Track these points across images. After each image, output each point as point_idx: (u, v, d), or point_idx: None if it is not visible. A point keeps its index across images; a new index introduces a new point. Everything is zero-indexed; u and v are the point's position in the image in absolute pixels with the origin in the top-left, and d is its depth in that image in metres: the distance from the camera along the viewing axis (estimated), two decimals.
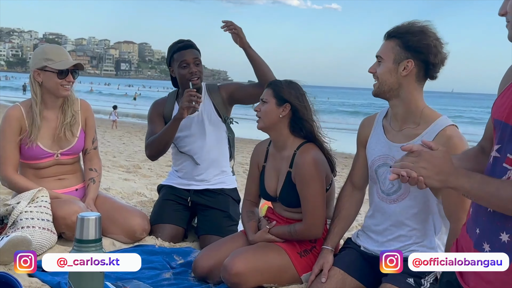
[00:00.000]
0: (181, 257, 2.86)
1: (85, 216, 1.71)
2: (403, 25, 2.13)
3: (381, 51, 2.15)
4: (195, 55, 3.11)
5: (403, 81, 2.10)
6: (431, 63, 2.07)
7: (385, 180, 2.23)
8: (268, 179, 2.59)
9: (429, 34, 2.07)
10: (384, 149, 2.22)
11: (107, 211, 2.97)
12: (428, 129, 2.10)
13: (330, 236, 2.38)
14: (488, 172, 1.47)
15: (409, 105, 2.14)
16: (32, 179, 2.98)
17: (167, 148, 3.17)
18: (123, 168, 6.33)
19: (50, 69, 2.91)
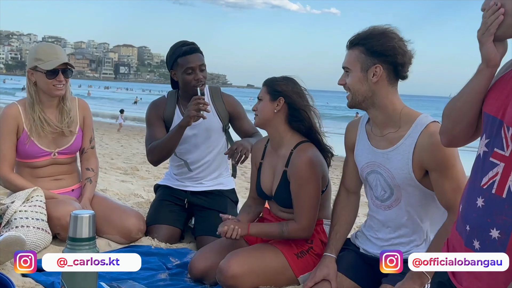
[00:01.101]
0: (177, 258, 2.84)
1: (79, 214, 1.69)
2: (364, 31, 2.10)
3: (347, 62, 2.12)
4: (201, 60, 3.03)
5: (375, 87, 2.07)
6: (399, 63, 2.05)
7: (376, 187, 2.21)
8: (264, 177, 2.57)
9: (391, 36, 2.05)
10: (370, 156, 2.19)
11: (103, 211, 2.96)
12: (410, 130, 2.07)
13: (332, 242, 2.33)
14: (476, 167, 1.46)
15: (386, 111, 2.11)
16: (28, 179, 2.96)
17: (170, 154, 3.12)
18: (121, 170, 6.31)
19: (39, 70, 2.89)
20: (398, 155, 2.08)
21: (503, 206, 1.36)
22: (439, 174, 2.02)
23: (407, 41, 2.08)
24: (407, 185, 2.10)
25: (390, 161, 2.11)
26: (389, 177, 2.13)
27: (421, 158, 2.03)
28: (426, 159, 2.02)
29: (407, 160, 2.06)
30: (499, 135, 1.37)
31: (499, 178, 1.37)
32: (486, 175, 1.41)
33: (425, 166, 2.04)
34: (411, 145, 2.05)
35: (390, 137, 2.12)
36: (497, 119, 1.37)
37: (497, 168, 1.38)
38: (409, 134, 2.06)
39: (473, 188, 1.46)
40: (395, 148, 2.09)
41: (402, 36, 2.08)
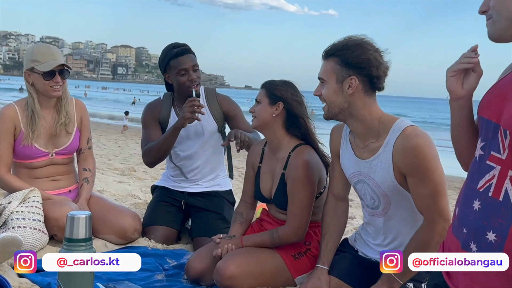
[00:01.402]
0: (174, 259, 2.84)
1: (75, 215, 1.69)
2: (340, 42, 2.07)
3: (322, 72, 2.09)
4: (193, 61, 3.03)
5: (351, 99, 2.04)
6: (374, 76, 2.01)
7: (365, 196, 2.20)
8: (263, 181, 2.57)
9: (367, 47, 2.01)
10: (355, 166, 2.17)
11: (99, 211, 2.95)
12: (388, 137, 2.04)
13: (324, 254, 2.31)
14: (473, 169, 1.47)
15: (364, 121, 2.08)
16: (25, 180, 2.96)
17: (166, 155, 3.11)
18: (118, 171, 6.30)
19: (36, 71, 2.88)
20: (380, 163, 2.06)
21: (500, 209, 1.36)
22: (415, 178, 2.00)
23: (383, 52, 2.04)
24: (393, 193, 2.09)
25: (373, 170, 2.09)
26: (375, 186, 2.12)
27: (398, 163, 2.01)
28: (402, 163, 2.00)
29: (388, 167, 2.04)
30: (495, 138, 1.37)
31: (496, 181, 1.37)
32: (482, 178, 1.41)
33: (402, 171, 2.02)
34: (390, 152, 2.03)
35: (372, 147, 2.09)
36: (492, 123, 1.37)
37: (493, 171, 1.38)
38: (387, 141, 2.04)
39: (470, 191, 1.46)
40: (376, 157, 2.07)
41: (378, 47, 2.05)
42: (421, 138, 1.99)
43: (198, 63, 3.05)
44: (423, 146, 1.97)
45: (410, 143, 1.98)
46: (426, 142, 1.99)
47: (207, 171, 3.23)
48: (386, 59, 2.05)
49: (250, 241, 2.49)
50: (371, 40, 2.06)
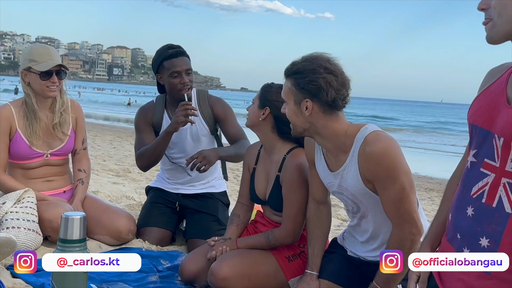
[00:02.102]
0: (168, 260, 2.83)
1: (70, 216, 1.70)
2: (296, 62, 2.03)
3: (283, 92, 2.09)
4: (187, 64, 3.01)
5: (311, 119, 2.02)
6: (327, 100, 1.97)
7: (346, 203, 2.20)
8: (258, 182, 2.58)
9: (319, 71, 1.96)
10: (330, 177, 2.17)
11: (94, 212, 2.96)
12: (352, 148, 2.03)
13: (312, 259, 2.30)
14: (466, 177, 1.47)
15: (330, 138, 2.06)
16: (20, 180, 2.95)
17: (158, 159, 3.11)
18: (113, 172, 6.29)
19: (33, 71, 2.88)
20: (349, 173, 2.06)
21: (493, 215, 1.37)
22: (378, 185, 2.00)
23: (339, 73, 1.98)
24: (368, 199, 2.09)
25: (344, 180, 2.09)
26: (350, 194, 2.12)
27: (363, 170, 2.01)
28: (366, 170, 2.00)
29: (357, 177, 2.03)
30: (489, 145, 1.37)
31: (489, 188, 1.38)
32: (475, 185, 1.42)
33: (368, 177, 2.01)
34: (356, 161, 2.02)
35: (341, 158, 2.08)
36: (485, 130, 1.38)
37: (487, 178, 1.39)
38: (353, 150, 2.03)
39: (463, 198, 1.47)
40: (344, 168, 2.07)
41: (335, 66, 1.99)
42: (382, 143, 1.97)
43: (191, 67, 3.03)
44: (385, 152, 1.95)
45: (371, 149, 1.96)
46: (387, 147, 1.96)
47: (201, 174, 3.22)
48: (345, 78, 1.99)
49: (245, 243, 2.49)
50: (329, 59, 2.00)
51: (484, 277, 1.38)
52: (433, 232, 1.67)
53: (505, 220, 1.34)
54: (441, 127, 35.08)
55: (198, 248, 2.66)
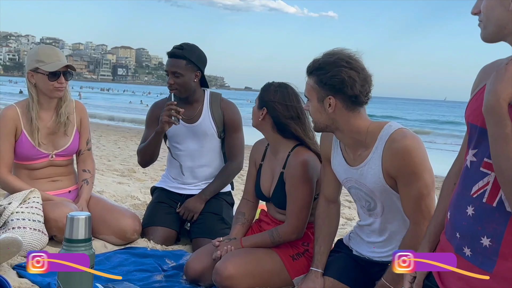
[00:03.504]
0: (173, 259, 2.84)
1: (75, 216, 1.71)
2: (318, 60, 2.04)
3: (305, 90, 2.10)
4: (174, 67, 3.04)
5: (334, 116, 2.04)
6: (351, 95, 1.99)
7: (360, 200, 2.22)
8: (263, 179, 2.59)
9: (341, 65, 1.97)
10: (348, 173, 2.18)
11: (99, 212, 2.97)
12: (376, 143, 2.05)
13: (317, 257, 2.31)
14: (465, 176, 1.47)
15: (352, 134, 2.08)
16: (25, 180, 2.97)
17: (154, 158, 3.18)
18: (118, 172, 6.31)
19: (41, 71, 2.90)
20: (369, 169, 2.07)
21: (494, 215, 1.37)
22: (403, 180, 2.01)
23: (361, 69, 2.00)
24: (386, 196, 2.11)
25: (364, 176, 2.10)
26: (368, 191, 2.13)
27: (387, 166, 2.02)
28: (390, 166, 2.02)
29: (378, 173, 2.05)
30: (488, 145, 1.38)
31: (490, 187, 1.39)
32: (476, 184, 1.43)
33: (391, 173, 2.03)
34: (379, 158, 2.03)
35: (362, 155, 2.10)
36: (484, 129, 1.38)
37: (487, 178, 1.39)
38: (376, 147, 2.05)
39: (462, 197, 1.47)
40: (366, 163, 2.08)
41: (357, 62, 2.00)
42: (409, 140, 1.99)
43: (182, 71, 3.03)
44: (411, 148, 1.98)
45: (398, 145, 1.98)
46: (413, 144, 1.99)
47: (207, 172, 3.25)
48: (367, 73, 2.01)
49: (250, 242, 2.50)
50: (350, 54, 2.02)
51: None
52: (431, 232, 1.68)
53: (506, 220, 1.35)
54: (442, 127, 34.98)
55: (202, 247, 2.67)
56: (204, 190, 3.17)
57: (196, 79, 3.10)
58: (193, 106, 3.17)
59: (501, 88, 1.27)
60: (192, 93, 3.13)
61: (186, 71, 3.05)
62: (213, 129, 3.17)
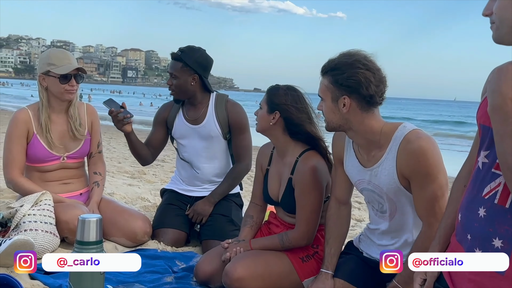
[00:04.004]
0: (183, 261, 2.86)
1: (86, 218, 1.73)
2: (333, 60, 2.05)
3: (319, 90, 2.10)
4: (172, 69, 3.12)
5: (348, 116, 2.03)
6: (366, 96, 1.99)
7: (373, 202, 2.21)
8: (271, 183, 2.59)
9: (357, 66, 1.98)
10: (361, 174, 2.18)
11: (110, 214, 3.00)
12: (390, 144, 2.05)
13: (328, 259, 2.31)
14: (476, 177, 1.47)
15: (365, 135, 2.08)
16: (37, 183, 3.00)
17: (140, 158, 3.30)
18: (128, 174, 6.33)
19: (53, 74, 2.93)
20: (383, 170, 2.07)
21: (506, 216, 1.37)
22: (417, 181, 2.00)
23: (376, 70, 2.00)
24: (399, 197, 2.10)
25: (378, 177, 2.10)
26: (381, 192, 2.13)
27: (402, 167, 2.02)
28: (405, 167, 2.01)
29: (393, 174, 2.05)
30: None
31: (502, 188, 1.38)
32: (487, 186, 1.42)
33: (405, 174, 2.03)
34: (393, 159, 2.03)
35: (376, 155, 2.10)
36: None
37: (499, 179, 1.39)
38: (390, 148, 2.04)
39: (473, 198, 1.47)
40: (380, 164, 2.08)
41: (372, 63, 2.01)
42: (423, 141, 1.99)
43: (178, 73, 3.09)
44: (426, 150, 1.97)
45: (413, 146, 1.98)
46: (428, 145, 1.99)
47: (215, 174, 3.26)
48: (382, 75, 2.02)
49: (259, 245, 2.51)
50: (365, 56, 2.03)
51: (497, 278, 1.37)
52: (441, 235, 1.67)
53: None
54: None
55: (212, 249, 2.68)
56: (212, 192, 3.18)
57: (193, 83, 3.12)
58: (198, 108, 3.20)
59: (506, 88, 1.27)
60: (192, 96, 3.16)
61: (182, 73, 3.09)
62: (218, 131, 3.18)
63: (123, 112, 2.99)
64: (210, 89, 3.22)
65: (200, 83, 3.14)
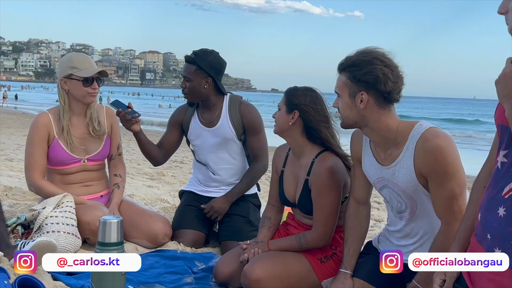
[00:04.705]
0: (203, 262, 2.88)
1: (107, 220, 1.75)
2: (351, 56, 2.06)
3: (336, 86, 2.10)
4: (185, 72, 3.14)
5: (364, 112, 2.04)
6: (384, 92, 2.00)
7: (392, 201, 2.21)
8: (286, 185, 2.59)
9: (375, 63, 1.99)
10: (379, 172, 2.18)
11: (130, 216, 3.03)
12: (407, 143, 2.04)
13: (346, 259, 2.31)
14: (496, 177, 1.46)
15: (381, 132, 2.08)
16: (58, 185, 3.04)
17: (152, 159, 3.32)
18: (147, 175, 6.39)
19: (75, 77, 2.97)
20: (401, 169, 2.07)
21: None
22: (435, 180, 2.00)
23: (394, 67, 2.02)
24: (419, 195, 2.10)
25: (395, 176, 2.10)
26: (400, 190, 2.12)
27: (419, 165, 2.01)
28: (422, 165, 2.01)
29: (411, 172, 2.04)
30: None
31: None
32: (507, 185, 1.41)
33: (423, 173, 2.02)
34: (411, 157, 2.03)
35: (393, 154, 2.10)
36: None
37: None
38: (407, 146, 2.04)
39: (493, 198, 1.46)
40: (397, 163, 2.08)
41: (390, 61, 2.02)
42: (441, 139, 1.98)
43: (191, 76, 3.10)
44: (443, 148, 1.97)
45: (430, 144, 1.98)
46: (446, 143, 1.98)
47: (232, 175, 3.28)
48: (399, 72, 2.03)
49: (277, 246, 2.51)
50: (383, 53, 2.04)
51: None
52: (461, 237, 1.66)
53: None
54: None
55: (231, 250, 2.70)
56: (230, 191, 3.20)
57: (207, 86, 3.13)
58: (212, 111, 3.22)
59: None
60: (206, 99, 3.18)
61: (195, 76, 3.10)
62: (232, 133, 3.20)
63: (130, 112, 3.01)
64: (224, 92, 3.23)
65: (214, 85, 3.16)
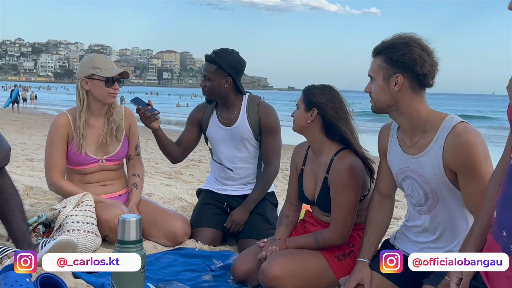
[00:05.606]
0: (221, 260, 2.90)
1: (126, 218, 1.78)
2: (388, 40, 2.09)
3: (370, 70, 2.13)
4: (206, 71, 3.15)
5: (397, 96, 2.07)
6: (419, 74, 2.02)
7: (413, 193, 2.20)
8: (306, 183, 2.60)
9: (413, 45, 2.03)
10: (403, 162, 2.19)
11: (149, 215, 3.07)
12: (437, 134, 2.05)
13: (365, 248, 2.32)
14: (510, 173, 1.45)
15: (411, 117, 2.10)
16: (78, 185, 3.08)
17: (170, 156, 3.34)
18: (165, 174, 6.43)
19: (97, 77, 3.00)
20: (429, 160, 2.07)
21: None
22: (465, 175, 2.00)
23: (430, 52, 2.05)
24: (442, 189, 2.09)
25: (422, 166, 2.10)
26: (424, 182, 2.12)
27: (448, 160, 2.02)
28: (452, 160, 2.01)
29: (438, 164, 2.05)
30: None
31: None
32: None
33: (452, 167, 2.02)
34: (440, 149, 2.04)
35: (420, 143, 2.11)
36: None
37: None
38: (437, 137, 2.05)
39: (509, 195, 1.45)
40: (425, 153, 2.08)
41: (426, 45, 2.05)
42: (472, 135, 1.99)
43: (211, 75, 3.12)
44: (474, 143, 1.97)
45: (461, 139, 1.98)
46: (477, 139, 1.99)
47: (248, 173, 3.29)
48: (435, 57, 2.06)
49: (294, 243, 2.52)
50: (419, 38, 2.07)
51: None
52: (477, 235, 1.65)
53: None
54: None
55: (248, 248, 2.71)
56: (247, 200, 3.20)
57: (226, 85, 3.14)
58: (230, 110, 3.23)
59: None
60: (225, 98, 3.19)
61: (216, 76, 3.12)
62: (249, 132, 3.21)
63: (150, 109, 3.04)
64: (243, 91, 3.25)
65: (233, 85, 3.17)
